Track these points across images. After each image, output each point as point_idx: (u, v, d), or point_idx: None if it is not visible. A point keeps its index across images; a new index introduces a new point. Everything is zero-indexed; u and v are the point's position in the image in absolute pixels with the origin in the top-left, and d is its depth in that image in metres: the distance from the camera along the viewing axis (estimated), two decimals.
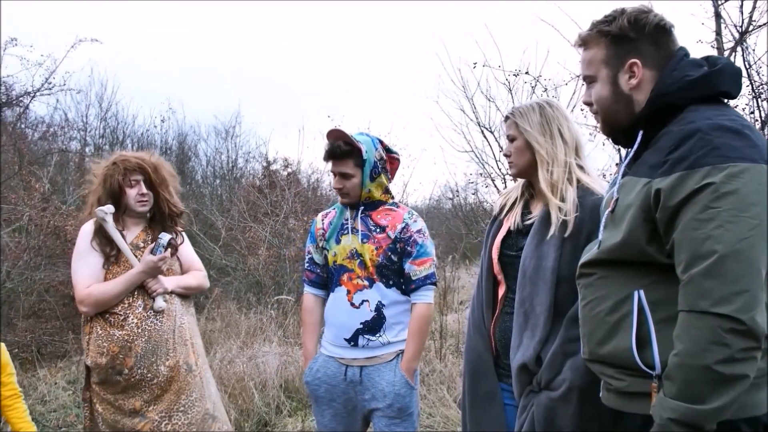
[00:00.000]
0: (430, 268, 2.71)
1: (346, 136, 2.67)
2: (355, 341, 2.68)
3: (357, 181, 2.69)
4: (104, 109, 16.04)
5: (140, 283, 2.80)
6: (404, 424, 2.66)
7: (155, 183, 2.90)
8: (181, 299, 2.96)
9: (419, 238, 2.71)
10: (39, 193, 8.21)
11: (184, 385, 2.81)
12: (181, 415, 2.79)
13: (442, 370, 5.41)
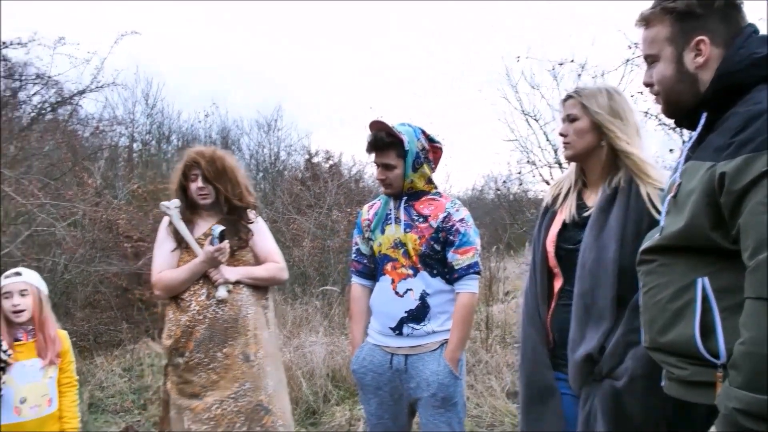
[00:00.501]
0: (473, 257, 2.70)
1: (387, 127, 2.67)
2: (399, 330, 2.69)
3: (399, 171, 2.69)
4: (150, 106, 16.45)
5: (203, 272, 2.90)
6: (449, 414, 2.66)
7: (211, 176, 2.94)
8: (251, 290, 3.00)
9: (461, 227, 2.70)
10: (92, 189, 8.46)
11: (239, 374, 2.88)
12: (231, 402, 2.86)
13: (489, 360, 5.39)
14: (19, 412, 2.58)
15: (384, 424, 2.80)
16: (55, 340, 2.73)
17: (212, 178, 2.95)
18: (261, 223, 3.17)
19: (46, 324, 2.72)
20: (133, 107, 16.05)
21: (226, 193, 2.97)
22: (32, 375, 2.64)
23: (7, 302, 2.65)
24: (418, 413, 2.74)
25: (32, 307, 2.68)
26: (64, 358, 2.79)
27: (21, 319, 2.65)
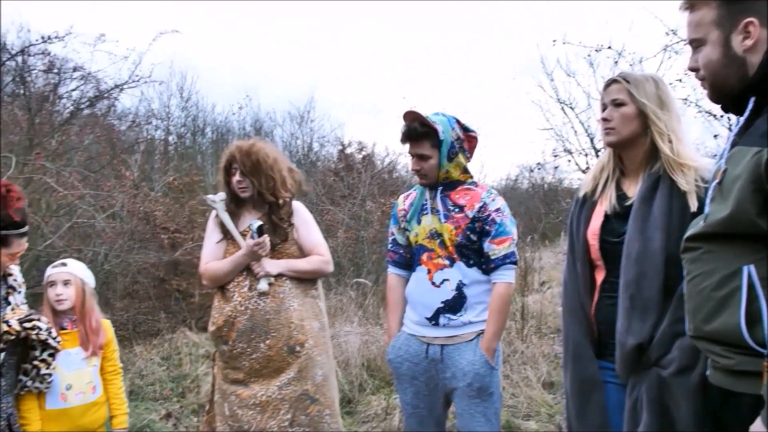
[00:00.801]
0: (509, 247, 2.67)
1: (421, 117, 2.65)
2: (436, 320, 2.68)
3: (434, 162, 2.67)
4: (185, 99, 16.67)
5: (246, 264, 2.95)
6: (484, 404, 2.65)
7: (246, 170, 2.96)
8: (295, 283, 3.02)
9: (498, 217, 2.67)
10: (129, 181, 8.62)
11: (283, 365, 2.91)
12: (276, 390, 2.90)
13: (524, 350, 5.35)
14: (65, 399, 2.65)
15: (419, 414, 2.80)
16: (98, 331, 2.79)
17: (248, 172, 2.96)
18: (306, 216, 3.16)
19: (89, 315, 2.77)
20: (168, 101, 16.31)
21: (259, 187, 2.98)
22: (77, 363, 2.70)
23: (51, 291, 2.72)
24: (453, 403, 2.74)
25: (74, 297, 2.74)
26: (108, 347, 2.85)
27: (62, 308, 2.71)
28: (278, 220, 3.02)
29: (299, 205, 3.17)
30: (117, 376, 2.88)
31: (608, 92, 2.18)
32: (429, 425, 2.82)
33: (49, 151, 7.12)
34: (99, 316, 2.84)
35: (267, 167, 2.97)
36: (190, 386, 5.49)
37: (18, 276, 2.60)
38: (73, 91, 8.20)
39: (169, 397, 5.35)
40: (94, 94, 8.08)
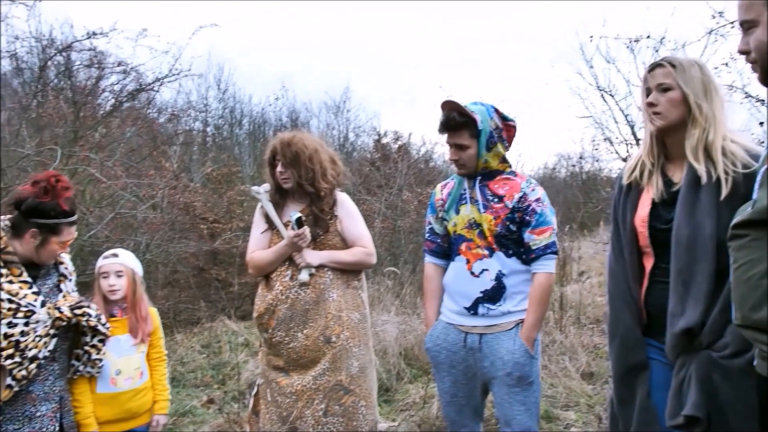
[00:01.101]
0: (550, 237, 2.65)
1: (460, 106, 2.63)
2: (474, 309, 2.68)
3: (473, 152, 2.65)
4: (222, 91, 16.89)
5: (288, 255, 2.99)
6: (524, 393, 2.64)
7: (286, 161, 2.99)
8: (337, 274, 3.04)
9: (538, 207, 2.65)
10: (169, 173, 8.77)
11: (319, 355, 2.95)
12: (311, 380, 2.94)
13: (563, 341, 5.31)
14: (115, 383, 2.73)
15: (457, 402, 2.81)
16: (147, 319, 2.86)
17: (288, 163, 2.99)
18: (350, 208, 3.15)
19: (139, 304, 2.85)
20: (206, 93, 16.56)
21: (298, 178, 3.00)
22: (126, 349, 2.78)
23: (104, 282, 2.80)
24: (492, 392, 2.74)
25: (126, 288, 2.82)
26: (155, 334, 2.93)
27: (115, 297, 2.79)
28: (319, 211, 3.03)
29: (344, 196, 3.16)
30: (161, 363, 2.95)
31: (653, 76, 2.13)
32: (467, 414, 2.82)
33: (92, 144, 7.29)
34: (147, 304, 2.91)
35: (306, 158, 2.98)
36: (230, 373, 5.59)
37: (69, 264, 2.68)
38: (115, 85, 8.39)
39: (210, 384, 5.46)
40: (135, 88, 8.25)
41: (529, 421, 2.65)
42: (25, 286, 2.39)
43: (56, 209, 2.44)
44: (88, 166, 6.61)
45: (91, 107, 7.95)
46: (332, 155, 3.15)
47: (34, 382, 2.40)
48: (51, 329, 2.39)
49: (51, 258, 2.51)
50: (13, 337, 2.29)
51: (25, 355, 2.30)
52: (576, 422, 3.99)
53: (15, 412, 2.37)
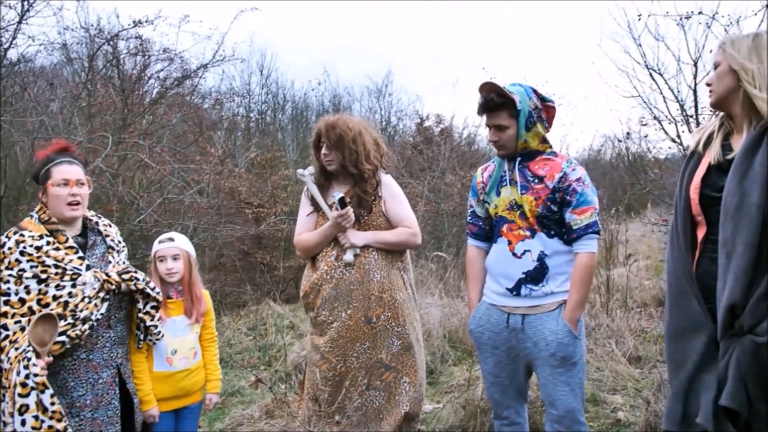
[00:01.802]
0: (591, 216, 2.63)
1: (498, 87, 2.62)
2: (517, 290, 2.68)
3: (512, 132, 2.65)
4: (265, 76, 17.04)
5: (333, 236, 3.04)
6: (568, 374, 2.63)
7: (330, 143, 3.02)
8: (382, 254, 3.07)
9: (579, 187, 2.63)
10: (215, 158, 8.92)
11: (360, 335, 2.99)
12: (354, 360, 2.99)
13: (609, 324, 5.23)
14: (171, 363, 2.82)
15: (501, 383, 2.82)
16: (201, 300, 2.95)
17: (332, 145, 3.02)
18: (394, 189, 3.18)
19: (194, 286, 2.94)
20: (248, 78, 16.73)
21: (342, 160, 3.03)
22: (181, 330, 2.87)
23: (161, 265, 2.89)
24: (535, 373, 2.74)
25: (182, 270, 2.89)
26: (207, 315, 3.02)
27: (173, 280, 2.88)
28: (363, 192, 3.06)
29: (388, 177, 3.19)
30: (213, 344, 3.04)
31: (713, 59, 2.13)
32: (510, 394, 2.84)
33: (140, 131, 7.46)
34: (201, 286, 2.99)
35: (349, 140, 3.01)
36: (276, 355, 5.70)
37: (115, 236, 2.75)
38: (160, 72, 8.55)
39: (257, 365, 5.58)
40: (180, 74, 8.39)
41: (573, 402, 2.64)
42: (71, 251, 2.49)
43: (43, 161, 2.56)
44: (138, 152, 6.77)
45: (138, 95, 8.12)
46: (376, 137, 3.17)
47: (93, 350, 2.51)
48: (100, 292, 2.48)
49: (63, 206, 2.52)
50: (62, 298, 2.40)
51: (76, 315, 2.40)
52: (623, 406, 3.94)
53: (79, 379, 2.47)
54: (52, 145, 2.62)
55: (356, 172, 3.04)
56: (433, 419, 3.95)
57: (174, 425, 2.87)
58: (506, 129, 2.65)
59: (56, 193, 2.51)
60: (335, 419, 3.00)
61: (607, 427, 3.69)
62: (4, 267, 2.39)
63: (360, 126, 3.10)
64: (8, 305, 2.36)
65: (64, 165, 2.55)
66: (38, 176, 2.55)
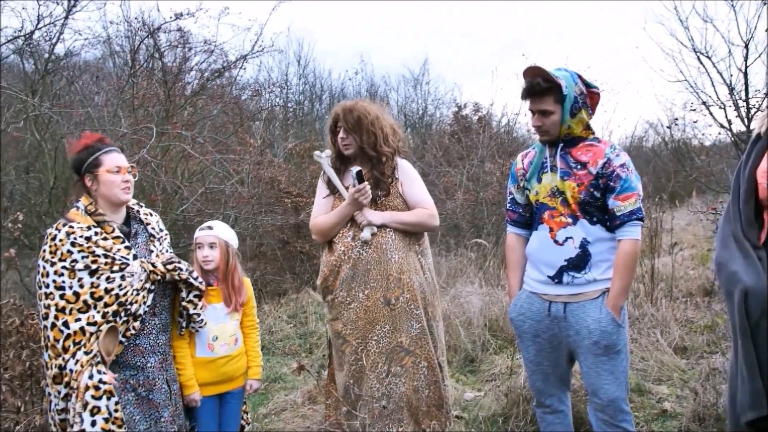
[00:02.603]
0: (635, 203, 2.58)
1: (545, 72, 2.58)
2: (559, 278, 2.65)
3: (557, 118, 2.61)
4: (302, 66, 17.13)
5: (350, 215, 3.04)
6: (612, 362, 2.60)
7: (348, 127, 3.05)
8: (399, 235, 3.08)
9: (622, 173, 2.59)
10: (254, 148, 9.00)
11: (379, 316, 3.00)
12: (374, 344, 3.00)
13: (654, 314, 5.13)
14: (212, 349, 2.87)
15: (543, 371, 2.80)
16: (240, 289, 2.98)
17: (350, 129, 3.05)
18: (410, 172, 3.20)
19: (231, 274, 2.96)
20: (286, 69, 16.84)
21: (360, 142, 3.04)
22: (221, 317, 2.91)
23: (199, 252, 2.94)
24: (578, 361, 2.71)
25: (218, 259, 2.93)
26: (248, 303, 3.05)
27: (208, 267, 2.92)
28: (380, 174, 3.08)
29: (405, 162, 3.21)
30: (254, 331, 3.07)
31: None
32: (553, 382, 2.82)
33: (182, 122, 7.58)
34: (241, 275, 3.02)
35: (368, 123, 3.04)
36: (317, 343, 5.76)
37: (156, 225, 2.81)
38: (201, 64, 8.66)
39: (298, 352, 5.64)
40: (221, 66, 8.49)
41: (617, 391, 2.61)
42: (118, 241, 2.56)
43: (87, 150, 2.60)
44: (181, 142, 6.88)
45: (180, 86, 8.25)
46: (393, 124, 3.20)
47: (140, 336, 2.58)
48: (146, 283, 2.54)
49: (117, 191, 2.59)
50: (113, 291, 2.46)
51: (129, 311, 2.47)
52: (669, 396, 3.87)
53: (127, 362, 2.55)
54: (86, 136, 2.66)
55: (375, 155, 3.07)
56: (474, 407, 3.94)
57: (217, 410, 2.92)
58: (551, 114, 2.61)
59: (111, 179, 2.56)
60: (360, 410, 2.99)
61: (653, 417, 3.63)
62: (57, 259, 2.46)
63: (378, 110, 3.13)
64: (64, 299, 2.43)
65: (114, 153, 2.62)
66: (82, 166, 2.59)
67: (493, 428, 3.59)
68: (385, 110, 3.24)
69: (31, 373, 3.43)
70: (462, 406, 4.02)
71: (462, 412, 3.87)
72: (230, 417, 2.95)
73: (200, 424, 2.84)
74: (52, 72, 6.92)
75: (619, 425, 2.63)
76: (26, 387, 3.44)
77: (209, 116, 8.68)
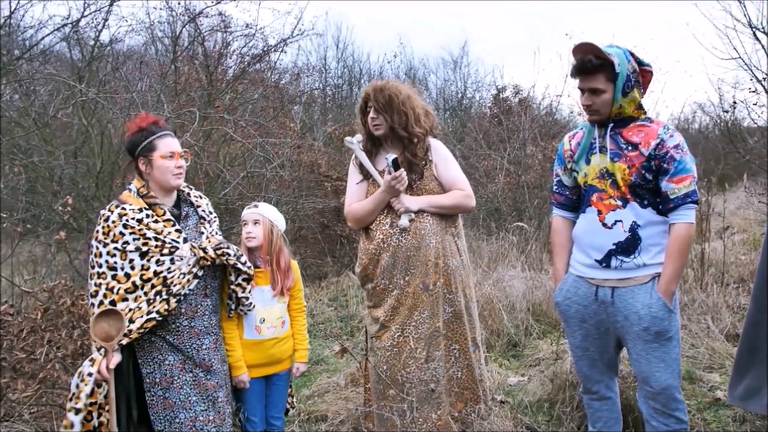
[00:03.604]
0: (690, 185, 2.50)
1: (597, 49, 2.50)
2: (607, 262, 2.58)
3: (608, 96, 2.53)
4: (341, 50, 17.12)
5: (386, 201, 3.00)
6: (663, 349, 2.53)
7: (379, 107, 2.99)
8: (437, 219, 3.04)
9: (677, 154, 2.50)
10: (294, 132, 9.04)
11: (418, 302, 2.98)
12: (412, 330, 2.98)
13: (705, 300, 4.99)
14: (259, 331, 2.89)
15: (590, 357, 2.75)
16: (286, 272, 2.98)
17: (380, 109, 2.99)
18: (444, 152, 3.14)
19: (276, 255, 2.96)
20: (324, 53, 16.85)
21: (392, 123, 2.99)
22: (268, 299, 2.92)
23: (243, 229, 2.94)
24: (627, 348, 2.65)
25: (261, 237, 2.93)
26: (295, 286, 3.05)
27: (251, 245, 2.92)
28: (413, 156, 3.03)
29: (437, 142, 3.15)
30: (301, 314, 3.07)
31: None
32: (600, 368, 2.77)
33: (224, 106, 7.65)
34: (287, 257, 3.01)
35: (399, 102, 2.99)
36: (357, 326, 5.77)
37: (206, 207, 2.83)
38: (242, 48, 8.71)
39: (339, 335, 5.67)
40: (262, 49, 8.52)
41: (669, 379, 2.54)
42: (169, 224, 2.58)
43: (143, 132, 2.60)
44: (223, 126, 6.95)
45: (222, 71, 8.31)
46: (424, 105, 3.14)
47: (194, 317, 2.61)
48: (194, 268, 2.56)
49: (170, 176, 2.61)
50: (162, 274, 2.49)
51: (170, 290, 2.50)
52: (721, 385, 3.75)
53: (184, 345, 2.58)
54: (141, 118, 2.67)
55: (406, 135, 3.01)
56: (519, 391, 3.90)
57: (264, 392, 2.94)
58: (602, 93, 2.53)
59: (164, 164, 2.58)
60: (396, 395, 2.99)
61: (705, 405, 3.54)
62: (110, 240, 2.50)
63: (408, 90, 3.08)
64: (115, 279, 2.47)
65: (168, 138, 2.63)
66: (136, 149, 2.61)
67: (538, 414, 3.55)
68: (416, 91, 3.18)
69: (82, 352, 3.52)
70: (506, 391, 3.98)
71: (506, 397, 3.83)
72: (277, 399, 2.98)
73: (247, 405, 2.87)
74: (97, 58, 7.04)
75: (672, 414, 2.57)
76: (77, 365, 3.54)
77: (250, 100, 8.73)
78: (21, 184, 6.92)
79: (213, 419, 2.60)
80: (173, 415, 2.53)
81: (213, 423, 2.60)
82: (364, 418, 3.21)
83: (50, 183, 6.93)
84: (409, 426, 2.95)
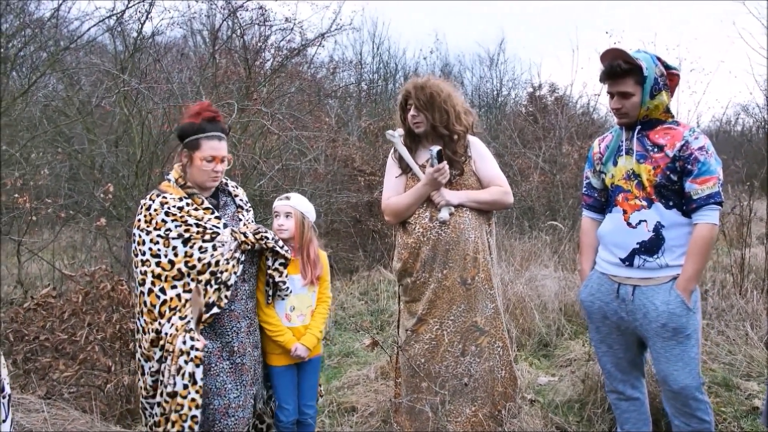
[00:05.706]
0: (713, 187, 2.51)
1: (625, 54, 2.56)
2: (630, 261, 2.61)
3: (637, 100, 2.58)
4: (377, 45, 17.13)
5: (427, 195, 3.01)
6: (681, 347, 2.53)
7: (420, 105, 3.00)
8: (475, 214, 3.05)
9: (701, 156, 2.52)
10: (328, 126, 9.10)
11: (456, 296, 2.99)
12: (450, 323, 3.00)
13: (744, 306, 4.88)
14: (289, 319, 2.92)
15: (614, 354, 2.77)
16: (315, 262, 3.00)
17: (421, 107, 3.00)
18: (482, 148, 3.15)
19: (306, 246, 2.99)
20: (360, 48, 16.89)
21: (433, 120, 3.00)
22: (298, 288, 2.95)
23: (275, 221, 2.98)
24: (648, 347, 2.66)
25: (293, 228, 2.96)
26: (322, 276, 3.06)
27: (282, 236, 2.95)
28: (453, 153, 3.04)
29: (475, 139, 3.16)
30: (324, 305, 3.04)
31: None
32: (623, 367, 2.79)
33: (262, 99, 7.73)
34: (317, 248, 3.04)
35: (440, 101, 2.99)
36: (388, 320, 5.80)
37: (243, 197, 2.88)
38: (280, 42, 8.79)
39: (369, 329, 5.69)
40: (300, 43, 8.59)
41: (687, 379, 2.53)
42: (208, 212, 2.64)
43: (194, 126, 2.62)
44: (261, 118, 7.02)
45: (260, 64, 8.40)
46: (464, 103, 3.14)
47: (234, 301, 2.67)
48: (236, 252, 2.61)
49: (206, 179, 2.64)
50: (205, 260, 2.55)
51: (219, 280, 2.55)
52: (759, 393, 3.67)
53: (224, 328, 2.65)
54: (201, 106, 2.67)
55: (447, 133, 3.03)
56: (549, 391, 3.88)
57: (296, 380, 2.97)
58: (631, 96, 2.59)
59: (203, 167, 2.63)
60: (428, 388, 3.00)
61: (742, 414, 3.47)
62: (153, 228, 2.56)
63: (449, 88, 3.08)
64: (160, 267, 2.53)
65: (215, 141, 2.64)
66: (183, 138, 2.65)
67: (569, 414, 3.52)
68: (455, 88, 3.18)
69: (120, 336, 3.61)
70: (536, 390, 3.96)
71: (536, 396, 3.81)
72: (308, 386, 3.00)
73: (279, 393, 2.91)
74: (140, 50, 7.18)
75: (694, 414, 2.57)
76: (116, 348, 3.63)
77: (288, 93, 8.80)
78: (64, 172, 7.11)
79: (242, 404, 2.66)
80: (207, 401, 2.58)
81: (242, 408, 2.66)
82: (394, 411, 3.23)
83: (92, 171, 7.10)
84: (441, 419, 2.96)
